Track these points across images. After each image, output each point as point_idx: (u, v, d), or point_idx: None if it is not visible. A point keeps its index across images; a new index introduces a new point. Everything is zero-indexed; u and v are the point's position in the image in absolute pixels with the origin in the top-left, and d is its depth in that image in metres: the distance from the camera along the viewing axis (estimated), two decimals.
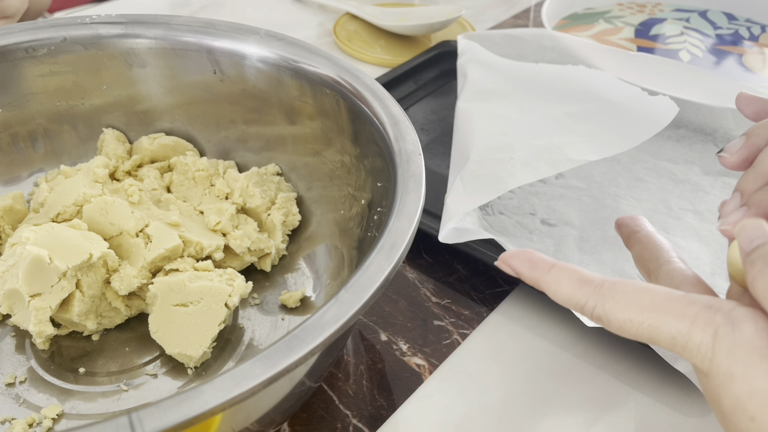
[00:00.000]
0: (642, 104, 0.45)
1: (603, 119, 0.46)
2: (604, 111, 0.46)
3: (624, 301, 0.23)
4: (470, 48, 0.59)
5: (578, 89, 0.49)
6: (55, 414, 0.34)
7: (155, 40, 0.45)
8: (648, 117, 0.44)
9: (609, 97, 0.47)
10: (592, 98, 0.48)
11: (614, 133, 0.44)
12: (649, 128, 0.43)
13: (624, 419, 0.37)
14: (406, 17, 0.72)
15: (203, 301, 0.36)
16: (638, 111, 0.45)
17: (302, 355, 0.25)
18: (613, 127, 0.44)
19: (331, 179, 0.43)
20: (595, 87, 0.49)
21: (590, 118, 0.46)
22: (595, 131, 0.44)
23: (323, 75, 0.41)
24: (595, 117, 0.46)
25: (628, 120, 0.45)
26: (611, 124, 0.45)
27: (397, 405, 0.37)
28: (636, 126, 0.44)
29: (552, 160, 0.42)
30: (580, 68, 0.52)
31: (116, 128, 0.47)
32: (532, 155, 0.43)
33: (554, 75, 0.52)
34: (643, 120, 0.44)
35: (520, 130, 0.47)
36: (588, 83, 0.50)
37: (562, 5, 0.76)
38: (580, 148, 0.43)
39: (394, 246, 0.29)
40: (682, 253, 0.45)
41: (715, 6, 0.80)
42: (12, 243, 0.38)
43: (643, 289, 0.23)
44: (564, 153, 0.42)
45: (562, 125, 0.46)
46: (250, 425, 0.30)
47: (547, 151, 0.43)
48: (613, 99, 0.47)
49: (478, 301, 0.43)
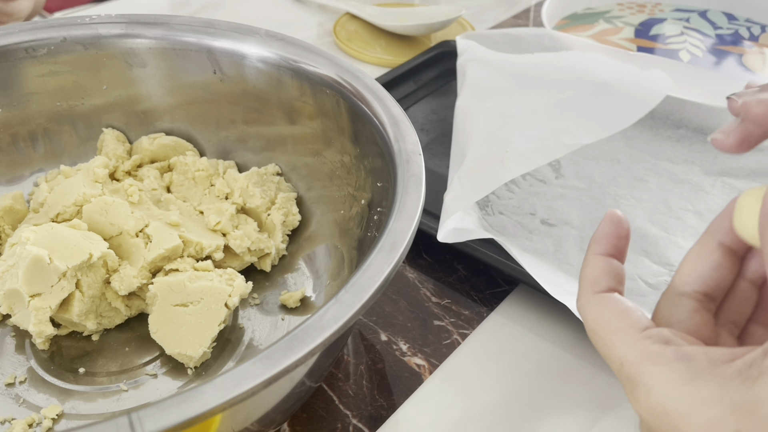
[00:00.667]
0: (636, 81, 0.45)
1: (597, 101, 0.45)
2: (599, 93, 0.46)
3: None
4: (469, 47, 0.59)
5: (573, 75, 0.49)
6: (55, 414, 0.34)
7: (155, 40, 0.45)
8: (642, 93, 0.44)
9: (604, 78, 0.47)
10: (587, 82, 0.47)
11: (608, 114, 0.43)
12: (643, 105, 0.43)
13: (624, 419, 0.37)
14: (406, 17, 0.72)
15: (203, 301, 0.36)
16: (633, 89, 0.44)
17: (302, 355, 0.25)
18: (607, 108, 0.44)
19: (331, 179, 0.43)
20: (590, 70, 0.48)
21: (585, 102, 0.46)
22: (589, 114, 0.44)
23: (323, 75, 0.41)
24: (590, 100, 0.45)
25: (623, 99, 0.44)
26: (605, 105, 0.44)
27: (397, 405, 0.37)
28: (630, 104, 0.43)
29: (546, 149, 0.42)
30: (574, 53, 0.51)
31: (116, 128, 0.47)
32: (526, 146, 0.43)
33: (550, 63, 0.52)
34: (638, 97, 0.43)
35: (515, 122, 0.46)
36: (583, 67, 0.49)
37: (562, 5, 0.76)
38: (575, 133, 0.42)
39: (394, 246, 0.29)
40: (682, 253, 0.45)
41: (715, 6, 0.80)
42: (12, 243, 0.38)
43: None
44: (559, 140, 0.42)
45: (557, 112, 0.46)
46: (250, 425, 0.30)
47: (542, 140, 0.43)
48: (608, 80, 0.46)
49: (478, 301, 0.43)
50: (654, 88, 0.44)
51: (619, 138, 0.56)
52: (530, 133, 0.44)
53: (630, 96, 0.44)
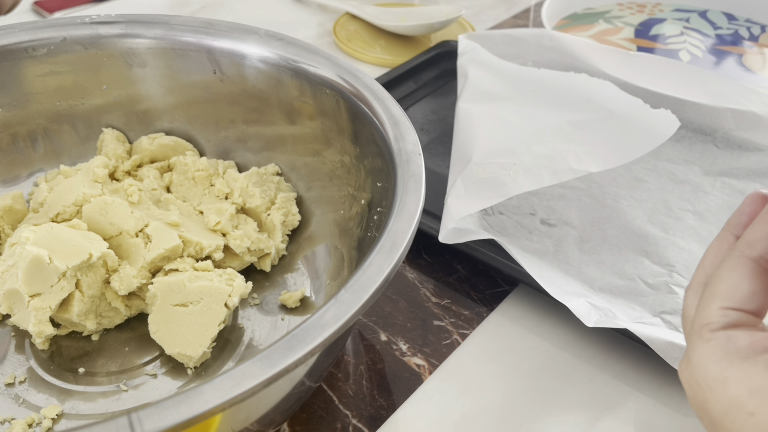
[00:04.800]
0: (643, 117, 0.46)
1: (605, 130, 0.46)
2: (606, 122, 0.47)
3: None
4: (471, 48, 0.59)
5: (580, 97, 0.50)
6: (55, 414, 0.34)
7: (155, 40, 0.45)
8: (649, 130, 0.45)
9: (611, 107, 0.48)
10: (594, 107, 0.48)
11: (616, 145, 0.44)
12: (650, 141, 0.44)
13: (624, 420, 0.37)
14: (406, 17, 0.72)
15: (203, 301, 0.36)
16: (640, 123, 0.45)
17: (302, 355, 0.25)
18: (615, 139, 0.45)
19: (331, 179, 0.43)
20: (597, 96, 0.49)
21: (592, 128, 0.46)
22: (596, 142, 0.45)
23: (323, 75, 0.41)
24: (597, 127, 0.46)
25: (630, 132, 0.45)
26: (613, 136, 0.45)
27: (397, 405, 0.37)
28: (637, 139, 0.44)
29: (554, 169, 0.43)
30: (582, 76, 0.52)
31: (116, 128, 0.47)
32: (534, 162, 0.44)
33: (556, 81, 0.52)
34: (645, 133, 0.44)
35: (522, 134, 0.47)
36: (590, 92, 0.50)
37: (562, 5, 0.76)
38: (582, 159, 0.43)
39: (394, 246, 0.29)
40: (682, 253, 0.45)
41: (715, 6, 0.80)
42: (12, 243, 0.38)
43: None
44: (566, 162, 0.43)
45: (565, 133, 0.46)
46: (249, 425, 0.30)
47: (550, 159, 0.43)
48: (615, 110, 0.47)
49: (478, 302, 0.43)
50: (661, 125, 0.44)
51: None
52: (537, 150, 0.45)
53: (637, 130, 0.45)
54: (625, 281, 0.43)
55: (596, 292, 0.42)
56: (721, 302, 0.24)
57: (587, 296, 0.41)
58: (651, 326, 0.39)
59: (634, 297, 0.42)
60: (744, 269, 0.24)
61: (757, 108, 0.54)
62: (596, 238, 0.46)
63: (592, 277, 0.43)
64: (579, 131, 0.46)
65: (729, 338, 0.23)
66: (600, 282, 0.43)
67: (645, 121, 0.45)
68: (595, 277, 0.43)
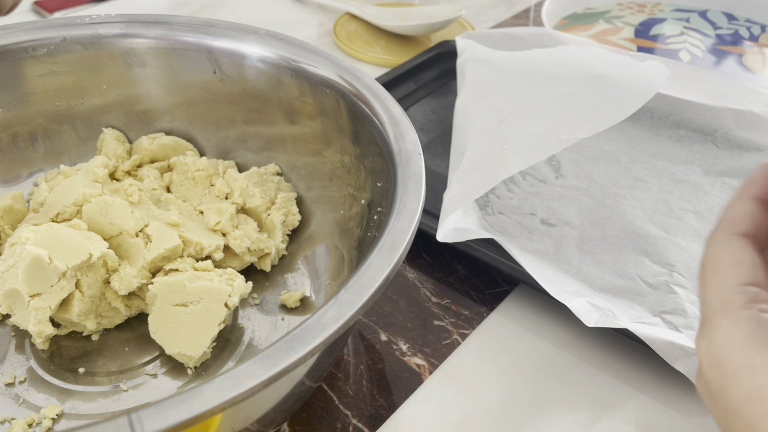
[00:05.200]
0: (633, 73, 0.45)
1: (595, 95, 0.45)
2: (596, 87, 0.45)
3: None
4: (469, 47, 0.59)
5: (571, 69, 0.48)
6: (55, 414, 0.34)
7: (155, 39, 0.45)
8: (639, 85, 0.43)
9: (601, 71, 0.46)
10: (584, 76, 0.47)
11: (605, 107, 0.43)
12: (640, 96, 0.42)
13: (624, 419, 0.37)
14: (406, 17, 0.72)
15: (203, 301, 0.36)
16: (629, 81, 0.44)
17: (302, 355, 0.25)
18: (604, 101, 0.43)
19: (331, 179, 0.43)
20: (587, 64, 0.48)
21: (582, 96, 0.45)
22: (586, 109, 0.44)
23: (323, 75, 0.41)
24: (587, 94, 0.45)
25: (620, 92, 0.44)
26: (602, 99, 0.44)
27: (397, 405, 0.37)
28: (627, 96, 0.43)
29: (544, 144, 0.42)
30: (571, 47, 0.51)
31: (116, 128, 0.47)
32: (524, 143, 0.43)
33: (547, 59, 0.51)
34: (634, 88, 0.43)
35: (513, 119, 0.46)
36: (580, 61, 0.49)
37: (562, 5, 0.76)
38: (572, 127, 0.42)
39: (394, 246, 0.29)
40: (682, 253, 0.45)
41: (715, 6, 0.80)
42: (12, 243, 0.38)
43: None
44: (556, 135, 0.42)
45: (555, 108, 0.45)
46: (249, 425, 0.30)
47: (539, 137, 0.43)
48: (605, 73, 0.46)
49: (478, 301, 0.43)
50: (650, 78, 0.43)
51: (619, 138, 0.56)
52: (528, 130, 0.44)
53: (627, 88, 0.43)
54: (626, 281, 0.43)
55: (596, 292, 0.42)
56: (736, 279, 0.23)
57: (587, 296, 0.41)
58: (651, 326, 0.39)
59: (635, 297, 0.42)
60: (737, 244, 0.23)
61: (757, 108, 0.54)
62: (596, 237, 0.46)
63: (592, 276, 0.43)
64: (568, 102, 0.45)
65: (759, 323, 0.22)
66: (600, 282, 0.43)
67: (633, 77, 0.44)
68: (595, 277, 0.43)
